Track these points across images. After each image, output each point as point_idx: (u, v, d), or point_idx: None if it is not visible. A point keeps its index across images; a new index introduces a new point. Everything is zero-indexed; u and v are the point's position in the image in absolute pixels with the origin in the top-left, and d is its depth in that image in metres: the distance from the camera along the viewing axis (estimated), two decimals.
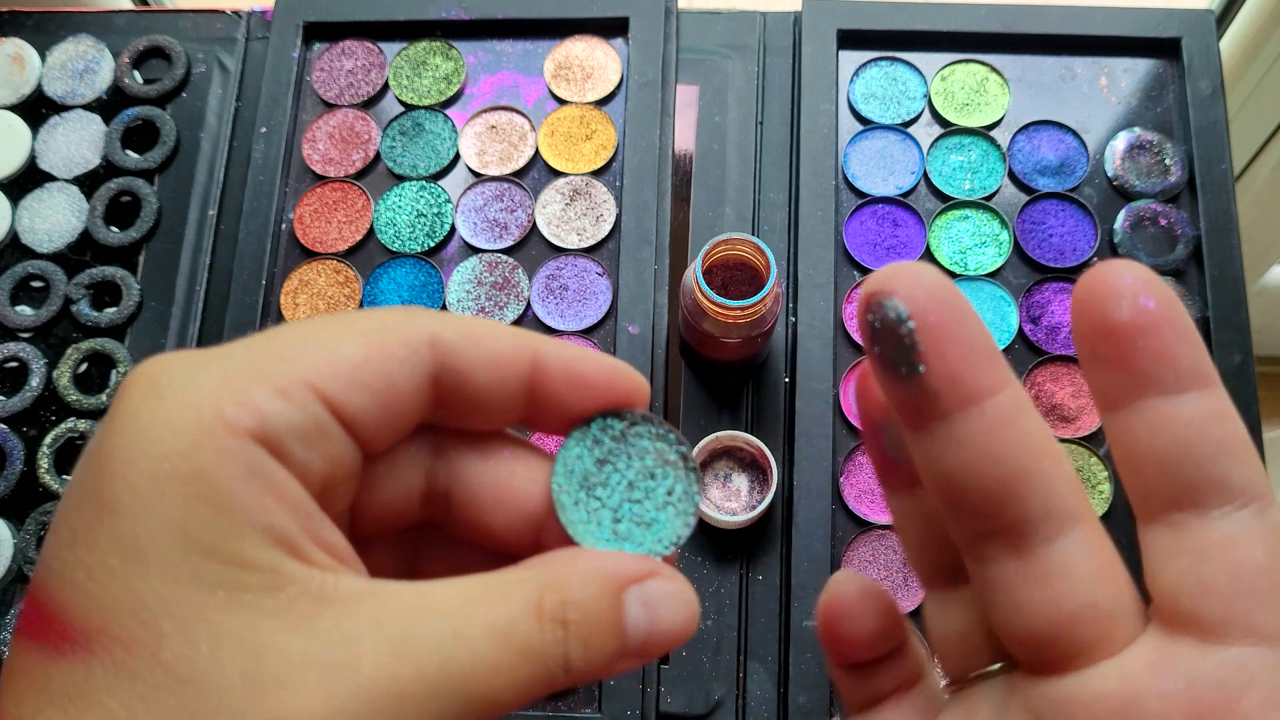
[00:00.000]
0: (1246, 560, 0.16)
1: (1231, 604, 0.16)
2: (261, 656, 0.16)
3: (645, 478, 0.22)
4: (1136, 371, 0.16)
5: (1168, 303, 0.16)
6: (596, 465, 0.22)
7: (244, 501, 0.17)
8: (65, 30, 0.57)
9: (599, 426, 0.21)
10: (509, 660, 0.18)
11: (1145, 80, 0.54)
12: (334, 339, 0.19)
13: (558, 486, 0.21)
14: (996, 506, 0.17)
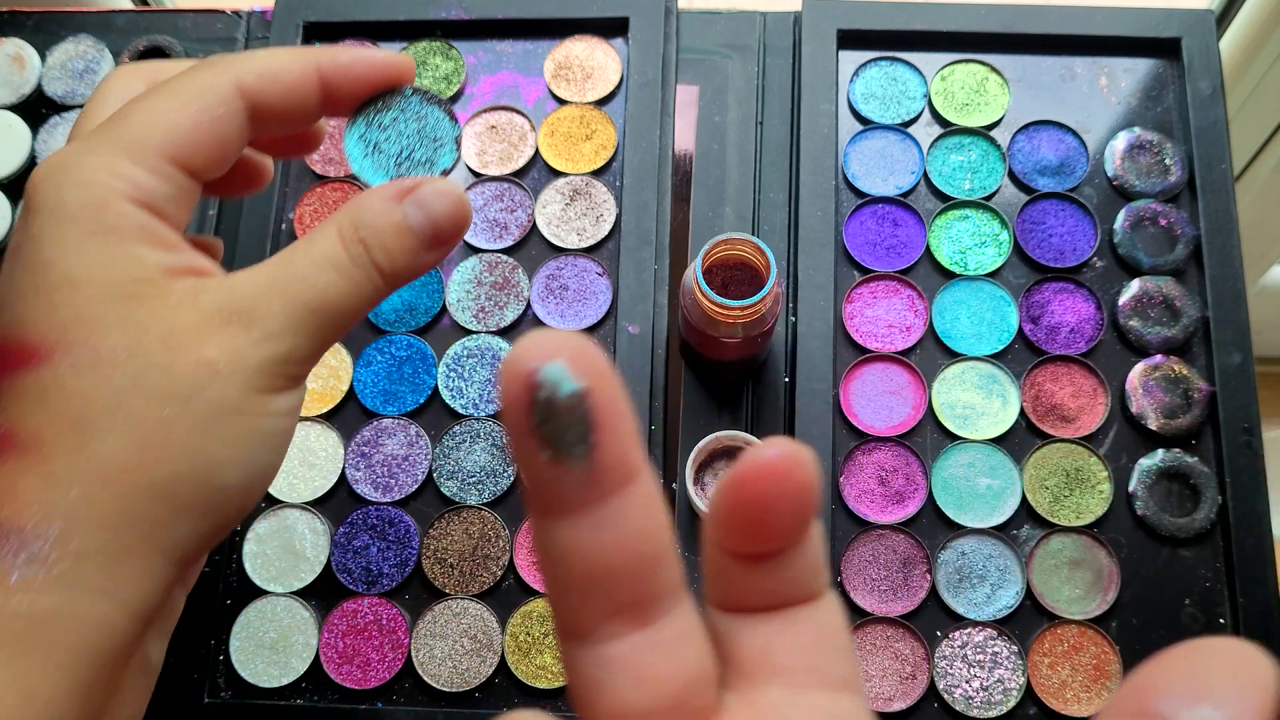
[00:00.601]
0: (826, 623, 0.18)
1: (815, 657, 0.18)
2: (172, 331, 0.25)
3: (417, 133, 0.30)
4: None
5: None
6: (379, 130, 0.30)
7: (140, 246, 0.26)
8: (65, 30, 0.57)
9: (376, 104, 0.30)
10: (336, 279, 0.27)
11: (1145, 80, 0.54)
12: (170, 112, 0.27)
13: (350, 149, 0.30)
14: (640, 582, 0.17)
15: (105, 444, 0.24)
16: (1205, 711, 0.14)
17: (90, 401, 0.24)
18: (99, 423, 0.24)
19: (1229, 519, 0.46)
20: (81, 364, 0.25)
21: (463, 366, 0.50)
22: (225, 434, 0.26)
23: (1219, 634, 0.46)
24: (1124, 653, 0.45)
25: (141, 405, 0.25)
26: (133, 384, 0.25)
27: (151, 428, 0.25)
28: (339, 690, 0.46)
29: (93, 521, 0.24)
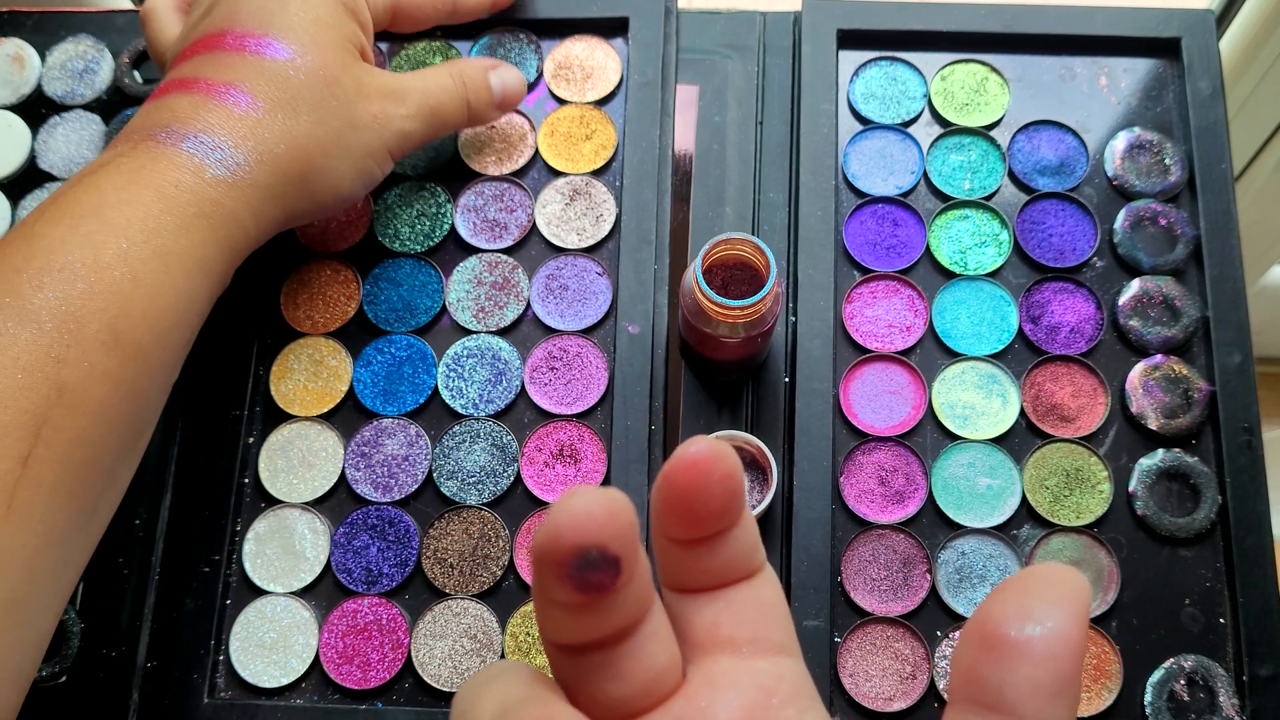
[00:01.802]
0: (765, 598, 0.21)
1: (756, 628, 0.21)
2: (361, 85, 0.43)
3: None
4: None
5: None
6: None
7: (357, 29, 0.44)
8: (65, 30, 0.57)
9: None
10: (447, 98, 0.46)
11: (1145, 80, 0.54)
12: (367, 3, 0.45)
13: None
14: (628, 625, 0.20)
15: (298, 125, 0.40)
16: (1032, 627, 0.17)
17: (303, 96, 0.40)
18: (301, 111, 0.40)
19: (1229, 519, 0.46)
20: (307, 70, 0.40)
21: (463, 366, 0.50)
22: (359, 162, 0.43)
23: (1220, 636, 0.46)
24: (1124, 653, 0.45)
25: (329, 117, 0.41)
26: (330, 100, 0.41)
27: (326, 132, 0.41)
28: (339, 690, 0.46)
29: (267, 167, 0.39)
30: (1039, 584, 0.18)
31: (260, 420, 0.50)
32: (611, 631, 0.19)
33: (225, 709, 0.46)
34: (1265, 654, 0.45)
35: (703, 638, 0.21)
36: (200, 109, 0.39)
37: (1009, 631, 0.17)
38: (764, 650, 0.21)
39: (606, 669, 0.20)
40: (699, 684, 0.20)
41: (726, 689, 0.20)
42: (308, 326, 0.51)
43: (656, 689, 0.20)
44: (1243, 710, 0.44)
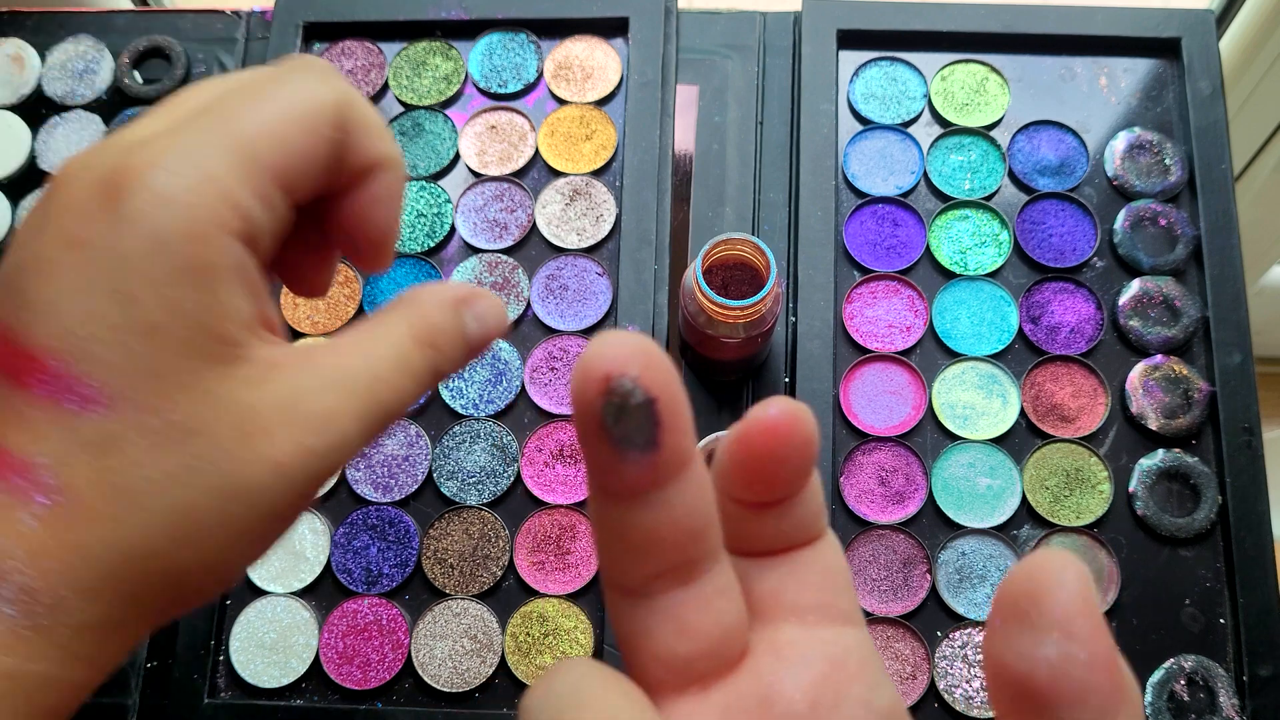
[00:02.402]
0: (829, 563, 0.20)
1: (822, 594, 0.20)
2: (246, 416, 0.22)
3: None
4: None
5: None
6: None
7: (233, 294, 0.22)
8: (65, 30, 0.57)
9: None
10: (406, 381, 0.25)
11: (1145, 80, 0.54)
12: (280, 122, 0.23)
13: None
14: (687, 549, 0.19)
15: (144, 526, 0.22)
16: (1048, 649, 0.16)
17: (143, 474, 0.22)
18: (145, 502, 0.22)
19: (1229, 519, 0.46)
20: (146, 429, 0.22)
21: None
22: (264, 535, 0.24)
23: (1220, 636, 0.46)
24: (1124, 653, 0.45)
25: (196, 496, 0.22)
26: (193, 469, 0.22)
27: (196, 521, 0.22)
28: (339, 690, 0.46)
29: (103, 598, 0.22)
30: (1043, 594, 0.17)
31: None
32: (652, 481, 0.18)
33: (225, 709, 0.46)
34: (1265, 654, 0.45)
35: (765, 604, 0.20)
36: None
37: (1028, 656, 0.16)
38: (830, 619, 0.20)
39: (673, 621, 0.19)
40: (764, 656, 0.19)
41: (793, 661, 0.19)
42: (308, 327, 0.51)
43: (724, 651, 0.19)
44: (1242, 710, 0.44)
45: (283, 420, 0.23)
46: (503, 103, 0.55)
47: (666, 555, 0.18)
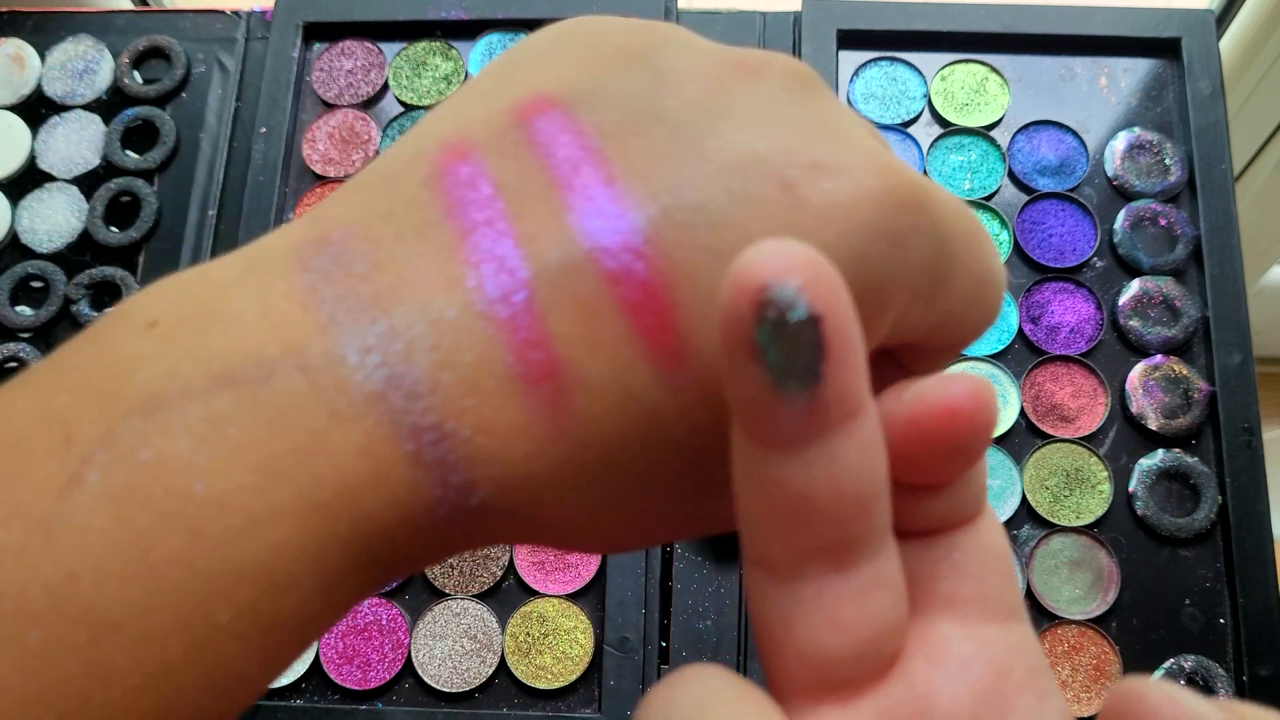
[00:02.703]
0: (989, 546, 0.17)
1: (983, 583, 0.17)
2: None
3: None
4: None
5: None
6: None
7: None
8: (65, 30, 0.57)
9: None
10: None
11: (1145, 80, 0.54)
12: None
13: None
14: (848, 523, 0.15)
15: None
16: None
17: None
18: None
19: (1229, 519, 0.46)
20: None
21: None
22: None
23: (1220, 636, 0.46)
24: (1124, 653, 0.45)
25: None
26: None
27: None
28: (339, 690, 0.46)
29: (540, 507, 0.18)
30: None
31: None
32: (811, 427, 0.14)
33: None
34: (1265, 654, 0.45)
35: (919, 593, 0.17)
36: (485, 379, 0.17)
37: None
38: (993, 613, 0.17)
39: (824, 610, 0.15)
40: (919, 660, 0.16)
41: (952, 667, 0.16)
42: None
43: (877, 654, 0.16)
44: None
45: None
46: None
47: (823, 528, 0.15)
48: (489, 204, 0.17)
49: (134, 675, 0.15)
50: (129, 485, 0.16)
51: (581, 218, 0.16)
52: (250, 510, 0.16)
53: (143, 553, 0.15)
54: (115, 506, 0.15)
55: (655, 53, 0.18)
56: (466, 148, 0.17)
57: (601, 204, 0.16)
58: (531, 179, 0.17)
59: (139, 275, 0.53)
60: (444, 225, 0.17)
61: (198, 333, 0.16)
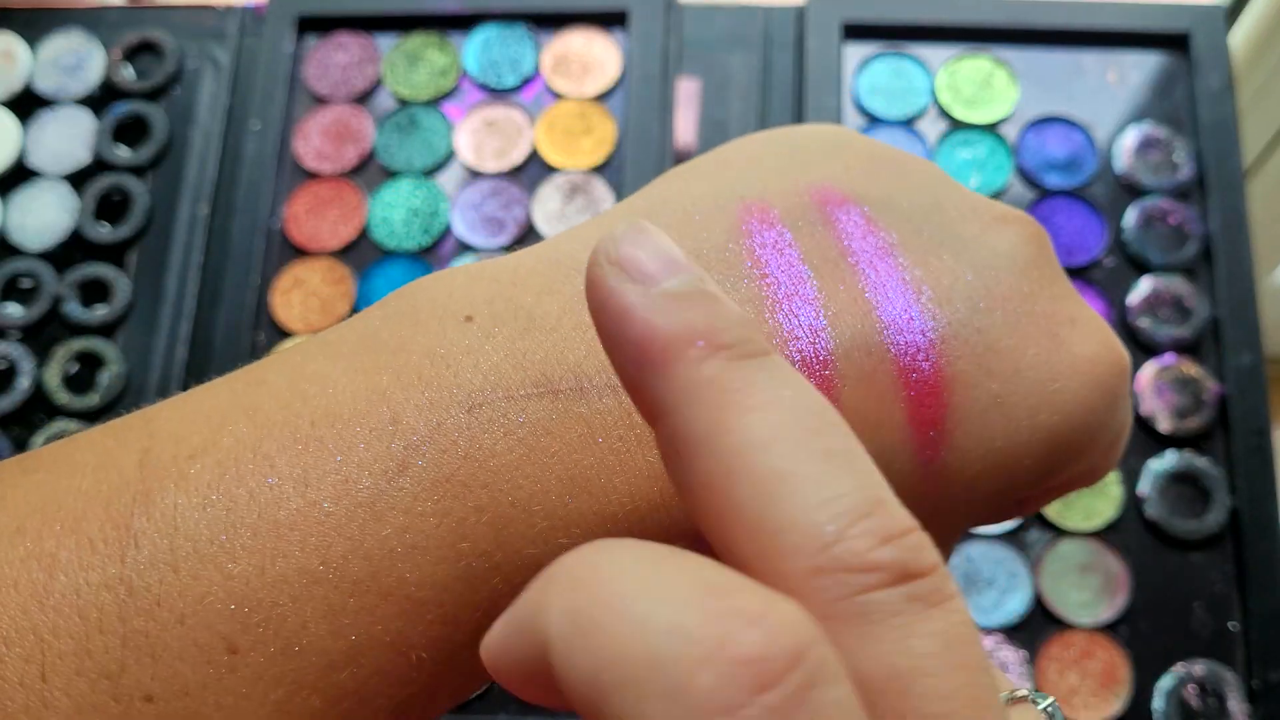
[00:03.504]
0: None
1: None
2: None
3: None
4: None
5: None
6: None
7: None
8: (55, 25, 0.56)
9: None
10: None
11: (1154, 75, 0.53)
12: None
13: None
14: None
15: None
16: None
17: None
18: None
19: (1240, 522, 0.46)
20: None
21: None
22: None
23: (1230, 641, 0.45)
24: (1134, 658, 0.45)
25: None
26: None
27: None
28: None
29: None
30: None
31: None
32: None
33: None
34: (1276, 659, 0.44)
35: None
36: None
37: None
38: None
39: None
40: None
41: None
42: (301, 326, 0.50)
43: None
44: (1253, 716, 0.44)
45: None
46: (499, 97, 0.54)
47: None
48: (797, 272, 0.18)
49: (427, 649, 0.17)
50: (451, 476, 0.17)
51: (882, 307, 0.18)
52: (553, 517, 0.17)
53: (454, 540, 0.16)
54: (437, 494, 0.17)
55: (934, 185, 0.21)
56: (769, 214, 0.19)
57: (901, 300, 0.18)
58: (833, 261, 0.19)
59: (130, 273, 0.52)
60: (754, 282, 0.18)
61: (517, 335, 0.17)
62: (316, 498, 0.16)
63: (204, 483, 0.17)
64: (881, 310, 0.18)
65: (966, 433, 0.18)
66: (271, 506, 0.16)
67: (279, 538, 0.16)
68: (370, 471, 0.17)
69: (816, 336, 0.18)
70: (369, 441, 0.17)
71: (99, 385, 0.50)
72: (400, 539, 0.16)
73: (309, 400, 0.17)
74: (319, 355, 0.18)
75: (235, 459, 0.17)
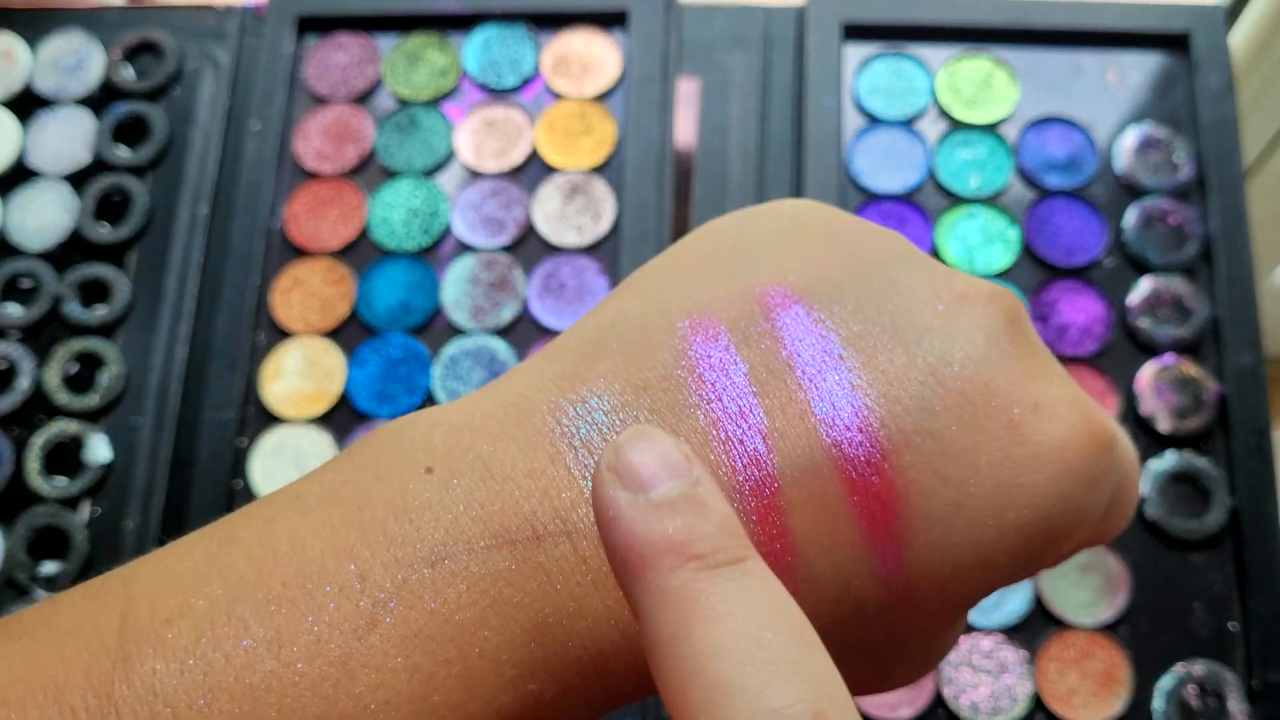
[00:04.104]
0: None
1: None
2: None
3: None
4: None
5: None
6: None
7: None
8: (55, 25, 0.56)
9: None
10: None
11: (1155, 75, 0.53)
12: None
13: None
14: None
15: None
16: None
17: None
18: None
19: (1240, 522, 0.46)
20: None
21: (459, 367, 0.49)
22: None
23: (1230, 641, 0.45)
24: (1134, 658, 0.45)
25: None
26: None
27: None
28: None
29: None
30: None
31: (252, 423, 0.49)
32: None
33: None
34: (1276, 659, 0.44)
35: None
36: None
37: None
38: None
39: None
40: None
41: None
42: (301, 326, 0.50)
43: None
44: (1252, 717, 0.44)
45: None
46: (499, 97, 0.54)
47: None
48: (742, 395, 0.18)
49: None
50: (420, 632, 0.17)
51: (827, 424, 0.18)
52: (520, 665, 0.17)
53: (426, 694, 0.17)
54: (407, 650, 0.17)
55: (888, 265, 0.20)
56: (715, 329, 0.19)
57: (846, 412, 0.18)
58: (777, 375, 0.18)
59: (129, 273, 0.52)
60: (699, 410, 0.18)
61: (475, 486, 0.18)
62: (290, 659, 0.17)
63: (181, 647, 0.17)
64: (826, 428, 0.18)
65: (928, 541, 0.18)
66: (247, 669, 0.17)
67: (255, 700, 0.16)
68: (341, 630, 0.17)
69: (762, 466, 0.18)
70: (338, 600, 0.17)
71: (99, 385, 0.50)
72: (374, 695, 0.17)
73: (280, 559, 0.18)
74: (289, 510, 0.19)
75: (211, 622, 0.17)
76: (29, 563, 0.47)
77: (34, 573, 0.47)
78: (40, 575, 0.47)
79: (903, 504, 0.18)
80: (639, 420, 0.18)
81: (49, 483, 0.48)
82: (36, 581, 0.47)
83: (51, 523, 0.47)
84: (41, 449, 0.49)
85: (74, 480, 0.48)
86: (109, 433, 0.49)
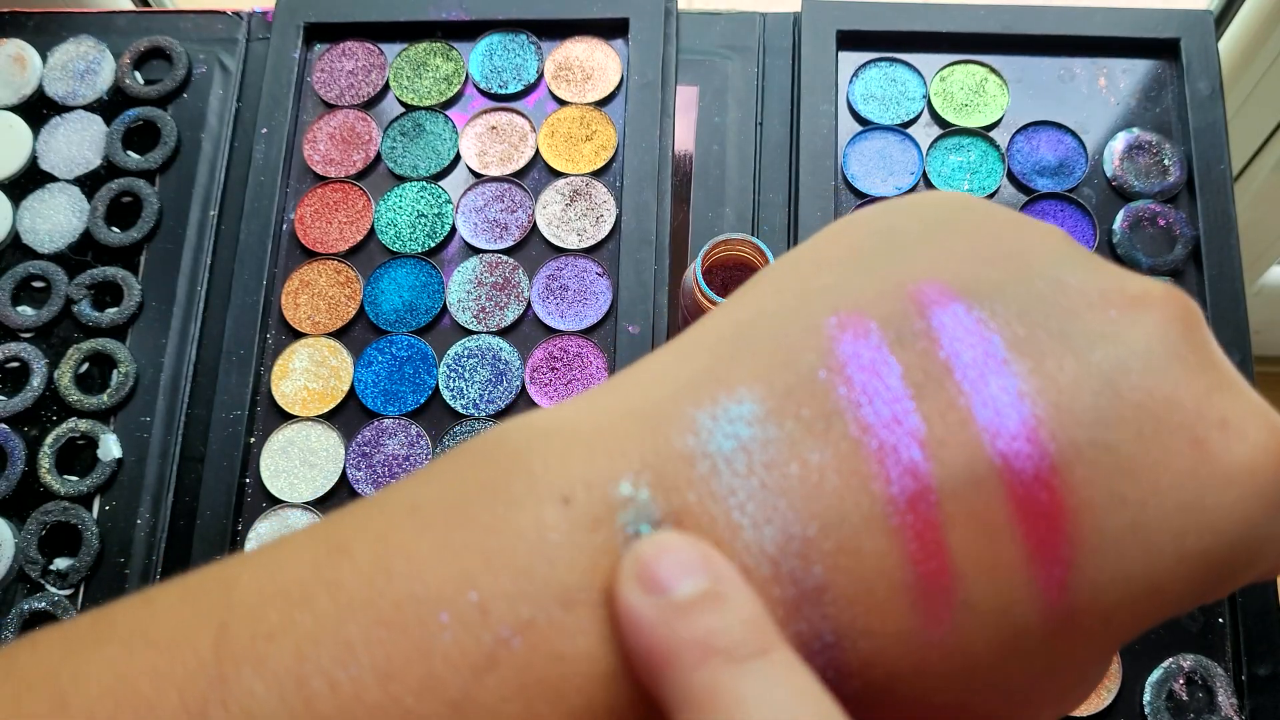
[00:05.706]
0: None
1: None
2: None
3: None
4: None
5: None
6: None
7: None
8: (66, 31, 0.57)
9: None
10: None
11: (1144, 81, 0.54)
12: None
13: None
14: None
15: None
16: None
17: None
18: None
19: None
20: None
21: (463, 367, 0.50)
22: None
23: (1219, 636, 0.46)
24: (1123, 652, 0.45)
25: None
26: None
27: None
28: None
29: None
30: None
31: (262, 420, 0.50)
32: None
33: None
34: (1264, 653, 0.45)
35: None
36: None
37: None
38: None
39: None
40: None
41: None
42: (309, 327, 0.51)
43: None
44: (1241, 709, 0.44)
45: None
46: (503, 103, 0.55)
47: None
48: (897, 399, 0.16)
49: None
50: (543, 679, 0.15)
51: (991, 433, 0.16)
52: (634, 713, 0.16)
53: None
54: (527, 698, 0.15)
55: (1054, 265, 0.18)
56: (864, 326, 0.17)
57: (1013, 423, 0.16)
58: (935, 378, 0.17)
59: (140, 275, 0.53)
60: (848, 414, 0.16)
61: (604, 517, 0.16)
62: (398, 693, 0.15)
63: (281, 669, 0.16)
64: (990, 437, 0.16)
65: (1098, 566, 0.16)
66: (351, 700, 0.15)
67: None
68: (456, 667, 0.15)
69: (919, 477, 0.16)
70: (456, 632, 0.15)
71: (110, 385, 0.51)
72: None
73: (393, 579, 0.16)
74: (406, 524, 0.17)
75: (314, 642, 0.16)
76: (41, 559, 0.48)
77: (46, 568, 0.48)
78: (52, 571, 0.48)
79: (1072, 524, 0.16)
80: (784, 429, 0.16)
81: (61, 480, 0.49)
82: (48, 577, 0.48)
83: (63, 519, 0.48)
84: (53, 447, 0.50)
85: (85, 478, 0.49)
86: (120, 431, 0.50)
